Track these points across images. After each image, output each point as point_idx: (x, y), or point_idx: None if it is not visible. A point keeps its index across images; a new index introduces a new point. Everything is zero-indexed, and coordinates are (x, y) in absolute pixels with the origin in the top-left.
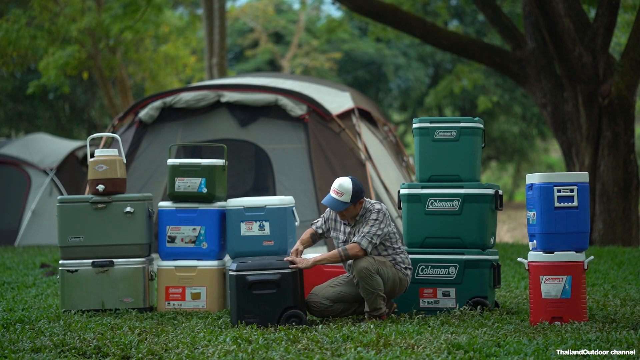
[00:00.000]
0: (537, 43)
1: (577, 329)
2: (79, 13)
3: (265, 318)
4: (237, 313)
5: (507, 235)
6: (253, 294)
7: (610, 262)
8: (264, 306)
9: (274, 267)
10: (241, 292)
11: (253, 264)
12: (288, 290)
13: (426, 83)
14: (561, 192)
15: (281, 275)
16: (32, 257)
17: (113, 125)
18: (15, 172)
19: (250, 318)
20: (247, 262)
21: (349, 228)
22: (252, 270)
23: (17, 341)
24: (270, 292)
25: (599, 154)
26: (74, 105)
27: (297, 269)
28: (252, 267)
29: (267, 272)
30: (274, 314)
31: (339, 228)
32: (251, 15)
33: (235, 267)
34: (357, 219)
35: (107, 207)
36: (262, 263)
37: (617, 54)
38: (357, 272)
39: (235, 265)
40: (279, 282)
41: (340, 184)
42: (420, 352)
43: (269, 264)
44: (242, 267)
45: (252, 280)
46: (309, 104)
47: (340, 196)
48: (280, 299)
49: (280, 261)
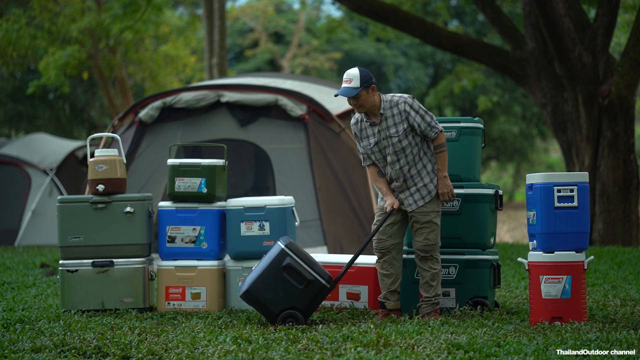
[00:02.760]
0: (537, 43)
1: (577, 329)
2: (79, 13)
3: (273, 301)
4: (254, 280)
5: (507, 235)
6: (282, 275)
7: (610, 262)
8: (280, 292)
9: (316, 269)
10: (274, 266)
11: (301, 252)
12: (309, 295)
13: (426, 83)
14: (561, 192)
15: (315, 280)
16: (32, 257)
17: (113, 125)
18: (15, 172)
19: (260, 291)
20: (298, 247)
21: (376, 127)
22: (298, 256)
23: (17, 341)
24: (296, 285)
25: (599, 154)
26: (74, 105)
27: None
28: (301, 255)
29: (307, 268)
30: (282, 303)
31: (367, 133)
32: (251, 15)
33: (286, 242)
34: (381, 113)
35: (107, 207)
36: (309, 258)
37: (617, 54)
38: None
39: (287, 242)
40: (310, 283)
41: (348, 72)
42: (420, 352)
43: (313, 263)
44: (293, 249)
45: (290, 264)
46: (309, 104)
47: (350, 82)
48: (297, 297)
49: (323, 269)
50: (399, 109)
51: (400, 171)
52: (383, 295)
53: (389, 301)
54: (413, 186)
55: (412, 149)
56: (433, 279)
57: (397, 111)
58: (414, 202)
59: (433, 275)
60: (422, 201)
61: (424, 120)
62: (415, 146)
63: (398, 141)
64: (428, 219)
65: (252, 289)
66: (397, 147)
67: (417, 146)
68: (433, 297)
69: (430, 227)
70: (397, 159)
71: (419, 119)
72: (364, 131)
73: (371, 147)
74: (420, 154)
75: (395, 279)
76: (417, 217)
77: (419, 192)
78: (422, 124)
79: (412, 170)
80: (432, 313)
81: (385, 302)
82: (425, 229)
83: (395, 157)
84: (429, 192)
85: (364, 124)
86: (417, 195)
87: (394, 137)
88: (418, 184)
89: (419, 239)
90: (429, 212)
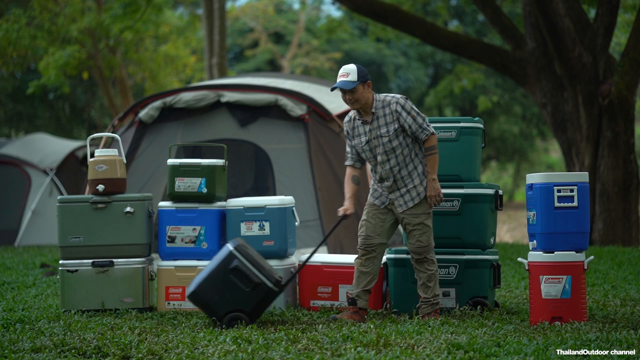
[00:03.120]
0: (537, 43)
1: (577, 329)
2: (79, 13)
3: (219, 303)
4: (201, 281)
5: (507, 235)
6: (229, 277)
7: (610, 262)
8: (227, 294)
9: (263, 272)
10: (221, 268)
11: (251, 256)
12: (256, 298)
13: (426, 83)
14: (561, 192)
15: (262, 283)
16: (32, 257)
17: (113, 125)
18: (15, 172)
19: (207, 293)
20: (247, 250)
21: (367, 126)
22: (246, 259)
23: (17, 341)
24: (243, 288)
25: (599, 154)
26: (74, 105)
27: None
28: (248, 258)
29: (254, 271)
30: (228, 306)
31: (359, 132)
32: (251, 15)
33: (235, 245)
34: (373, 112)
35: (107, 207)
36: (257, 261)
37: (617, 54)
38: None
39: (236, 244)
40: (256, 286)
41: (344, 67)
42: (420, 352)
43: (261, 266)
44: (242, 251)
45: (237, 266)
46: (309, 104)
47: (347, 76)
48: (243, 299)
49: (271, 273)
50: (391, 109)
51: (390, 171)
52: (356, 293)
53: (361, 299)
54: (403, 187)
55: (403, 150)
56: (430, 280)
57: (388, 111)
58: (404, 203)
59: (430, 277)
60: (412, 202)
61: (415, 122)
62: (406, 147)
63: (388, 141)
64: (419, 221)
65: (199, 290)
66: (387, 147)
67: (408, 147)
68: (432, 298)
69: (422, 229)
70: (387, 158)
71: (410, 120)
72: (356, 129)
73: (362, 146)
74: (412, 155)
75: (372, 279)
76: (408, 219)
77: (409, 193)
78: (414, 125)
79: (402, 171)
80: (432, 313)
81: (358, 299)
82: (417, 231)
83: (386, 157)
84: (418, 194)
85: (357, 122)
86: (407, 196)
87: (384, 137)
88: (408, 185)
89: (411, 241)
90: (420, 214)
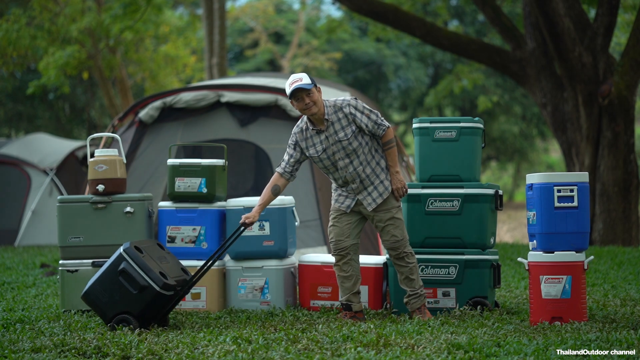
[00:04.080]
0: (537, 43)
1: (577, 329)
2: (79, 13)
3: (108, 304)
4: (92, 282)
5: (507, 235)
6: (118, 279)
7: (610, 262)
8: (116, 296)
9: (151, 275)
10: (111, 270)
11: (141, 259)
12: (144, 301)
13: (426, 83)
14: (561, 192)
15: (149, 286)
16: (32, 257)
17: (113, 125)
18: (15, 172)
19: (97, 294)
20: (140, 253)
21: (323, 135)
22: (135, 262)
23: (17, 341)
24: (131, 290)
25: (599, 154)
26: (74, 105)
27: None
28: (137, 260)
29: (141, 274)
30: (116, 307)
31: (313, 142)
32: (251, 15)
33: (126, 247)
34: (326, 119)
35: (107, 207)
36: (147, 265)
37: (617, 54)
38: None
39: (128, 246)
40: (143, 289)
41: (293, 75)
42: (420, 352)
43: (149, 269)
44: (131, 254)
45: (125, 268)
46: None
47: (301, 80)
48: (131, 302)
49: (166, 277)
50: (344, 112)
51: (355, 172)
52: (346, 298)
53: (354, 303)
54: (370, 185)
55: (364, 149)
56: (412, 272)
57: (342, 115)
58: (372, 200)
59: (411, 270)
60: (380, 198)
61: (370, 120)
62: (365, 145)
63: (348, 144)
64: (390, 216)
65: (90, 291)
66: (348, 150)
67: (368, 145)
68: (418, 289)
69: (395, 223)
70: (349, 161)
71: (366, 119)
72: (309, 139)
73: (319, 155)
74: (372, 152)
75: (355, 281)
76: (379, 216)
77: (376, 190)
78: (369, 123)
79: (367, 170)
80: (422, 307)
81: (351, 304)
82: (390, 226)
83: (348, 159)
84: (386, 189)
85: (309, 132)
86: (375, 193)
87: (344, 141)
88: (375, 182)
89: (386, 237)
90: (390, 209)
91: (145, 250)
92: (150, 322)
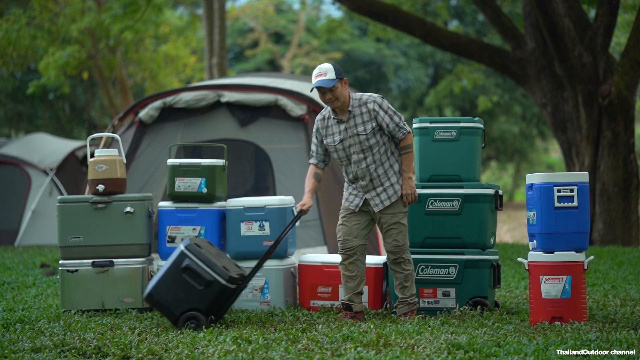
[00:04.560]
0: (537, 43)
1: (577, 329)
2: (79, 13)
3: (174, 303)
4: (155, 283)
5: (507, 235)
6: (182, 276)
7: (610, 262)
8: (181, 293)
9: (216, 270)
10: (173, 268)
11: (203, 255)
12: (210, 296)
13: (426, 83)
14: (561, 192)
15: (215, 281)
16: (32, 257)
17: (113, 125)
18: (15, 172)
19: (161, 294)
20: (200, 249)
21: (342, 125)
22: (198, 257)
23: (17, 341)
24: (196, 286)
25: (599, 154)
26: (74, 105)
27: (242, 280)
28: (200, 256)
29: (206, 269)
30: (183, 305)
31: (333, 130)
32: (251, 15)
33: (187, 244)
34: (350, 110)
35: (107, 207)
36: (210, 260)
37: (617, 54)
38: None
39: (189, 243)
40: (209, 284)
41: (320, 67)
42: (420, 352)
43: (214, 264)
44: (193, 250)
45: (188, 265)
46: (308, 104)
47: (325, 75)
48: (197, 298)
49: (228, 271)
50: (368, 107)
51: (366, 169)
52: (348, 297)
53: (355, 303)
54: (380, 186)
55: (380, 148)
56: (407, 279)
57: (365, 110)
58: (380, 202)
59: (406, 277)
60: (388, 201)
61: (393, 121)
62: (382, 145)
63: (366, 139)
64: (395, 220)
65: (153, 292)
66: (364, 145)
67: (385, 146)
68: (409, 297)
69: (398, 228)
70: (363, 157)
71: (388, 119)
72: (329, 128)
73: (335, 145)
74: (388, 154)
75: (359, 281)
76: (385, 219)
77: (385, 192)
78: (391, 124)
79: (379, 170)
80: (409, 313)
81: (352, 304)
82: (394, 230)
83: (362, 155)
84: (395, 192)
85: (331, 120)
86: (383, 195)
87: (362, 135)
88: (385, 183)
89: (388, 240)
90: (397, 213)
91: (202, 246)
92: (218, 318)
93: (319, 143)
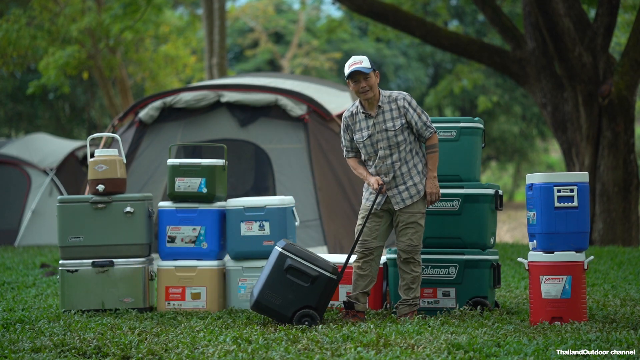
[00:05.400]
0: (537, 43)
1: (577, 329)
2: (79, 13)
3: (283, 305)
4: (261, 288)
5: (507, 235)
6: (286, 277)
7: (610, 262)
8: (289, 294)
9: (318, 264)
10: (276, 270)
11: (303, 252)
12: (318, 290)
13: (426, 83)
14: (561, 192)
15: (320, 274)
16: (32, 257)
17: (113, 125)
18: (15, 172)
19: (269, 298)
20: (296, 246)
21: (371, 120)
22: (298, 256)
23: (17, 341)
24: (303, 284)
25: (599, 154)
26: (74, 105)
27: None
28: (300, 254)
29: (309, 265)
30: (293, 305)
31: (361, 126)
32: (251, 15)
33: (283, 245)
34: (379, 106)
35: (107, 207)
36: (309, 255)
37: (617, 54)
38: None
39: (283, 245)
40: (315, 279)
41: (354, 57)
42: (420, 352)
43: (314, 258)
44: (291, 249)
45: (291, 265)
46: (309, 104)
47: (361, 63)
48: (306, 295)
49: (326, 262)
50: (398, 104)
51: (391, 166)
52: (354, 295)
53: (359, 303)
54: (402, 184)
55: (406, 146)
56: (414, 281)
57: (395, 106)
58: (401, 200)
59: (414, 278)
60: (410, 200)
61: (421, 119)
62: (409, 144)
63: (394, 135)
64: (413, 220)
65: (260, 299)
66: (392, 142)
67: (411, 144)
68: (411, 299)
69: (415, 228)
70: (390, 153)
71: (417, 117)
72: (357, 124)
73: (363, 140)
74: (413, 153)
75: (370, 281)
76: (402, 217)
77: (407, 190)
78: (419, 122)
79: (403, 168)
80: (409, 314)
81: (356, 303)
82: (410, 229)
83: (389, 151)
84: (418, 192)
85: (359, 116)
86: (405, 194)
87: (390, 131)
88: (407, 182)
89: (402, 239)
90: (415, 213)
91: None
92: (323, 311)
93: (348, 137)
